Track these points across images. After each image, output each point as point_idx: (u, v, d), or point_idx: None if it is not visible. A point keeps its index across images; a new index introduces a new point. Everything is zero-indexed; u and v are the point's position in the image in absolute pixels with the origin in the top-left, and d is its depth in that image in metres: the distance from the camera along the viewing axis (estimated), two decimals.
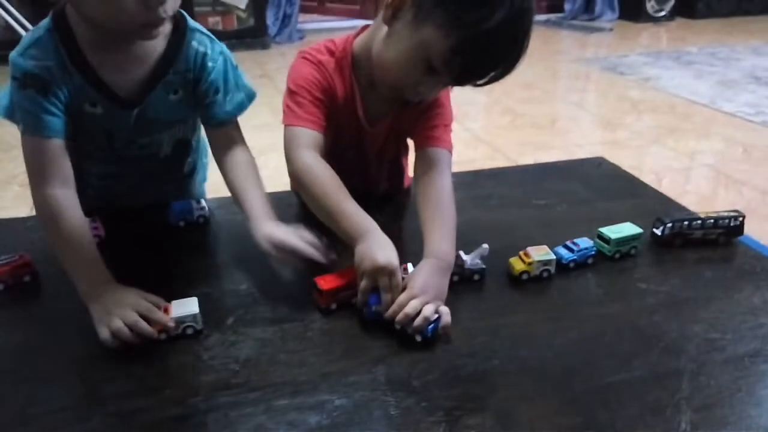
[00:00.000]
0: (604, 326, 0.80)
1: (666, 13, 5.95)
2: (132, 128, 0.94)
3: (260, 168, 0.97)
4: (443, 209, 0.91)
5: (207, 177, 1.22)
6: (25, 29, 3.63)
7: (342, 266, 0.84)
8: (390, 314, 0.77)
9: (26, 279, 0.88)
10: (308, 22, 5.59)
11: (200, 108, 0.96)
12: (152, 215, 1.04)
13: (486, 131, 3.20)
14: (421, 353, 0.75)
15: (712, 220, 0.98)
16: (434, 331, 0.76)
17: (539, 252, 0.89)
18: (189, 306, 0.78)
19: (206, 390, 0.69)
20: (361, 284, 0.80)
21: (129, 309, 0.75)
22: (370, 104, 1.00)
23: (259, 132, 1.41)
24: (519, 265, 0.89)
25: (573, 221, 1.06)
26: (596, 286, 0.89)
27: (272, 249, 0.83)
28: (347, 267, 0.83)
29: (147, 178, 1.07)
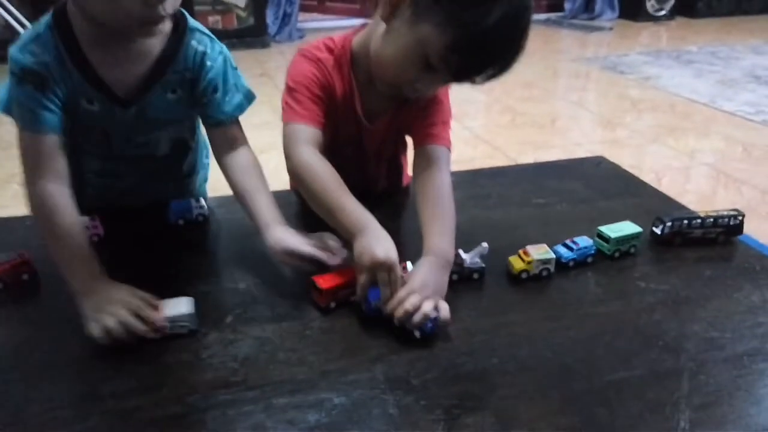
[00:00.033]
0: (604, 325, 0.80)
1: (666, 12, 5.95)
2: (129, 126, 0.94)
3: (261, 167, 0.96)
4: (442, 206, 0.91)
5: (208, 177, 1.22)
6: (25, 28, 3.63)
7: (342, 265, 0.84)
8: (389, 309, 0.77)
9: (25, 278, 0.88)
10: (308, 21, 5.59)
11: (199, 107, 0.96)
12: (151, 214, 1.04)
13: (486, 130, 3.20)
14: (421, 352, 0.75)
15: (712, 219, 0.98)
16: (433, 328, 0.76)
17: (539, 251, 0.89)
18: (184, 305, 0.77)
19: (205, 388, 0.69)
20: (360, 279, 0.80)
21: (120, 306, 0.75)
22: (369, 101, 1.00)
23: (259, 131, 1.41)
24: (518, 264, 0.89)
25: (572, 220, 1.06)
26: (596, 285, 0.89)
27: (284, 257, 0.84)
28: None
29: (146, 178, 1.06)
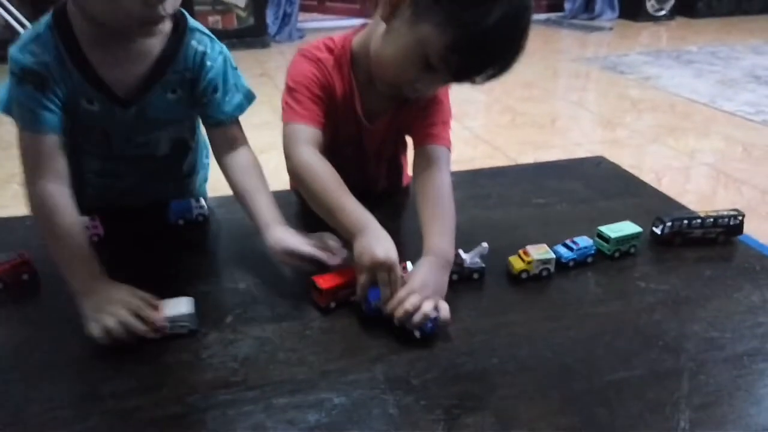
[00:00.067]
0: (604, 325, 0.80)
1: (666, 12, 5.95)
2: (129, 126, 0.94)
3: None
4: (442, 206, 0.91)
5: (208, 177, 1.22)
6: (25, 28, 3.63)
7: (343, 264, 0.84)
8: (389, 309, 0.77)
9: (25, 278, 0.88)
10: (308, 21, 5.59)
11: (199, 107, 0.96)
12: (151, 214, 1.04)
13: (486, 130, 3.20)
14: (421, 352, 0.75)
15: (712, 219, 0.98)
16: (433, 328, 0.76)
17: (539, 251, 0.89)
18: (184, 305, 0.77)
19: (205, 388, 0.69)
20: (360, 279, 0.80)
21: (120, 306, 0.75)
22: (369, 101, 1.00)
23: (259, 131, 1.41)
24: (518, 264, 0.89)
25: (572, 220, 1.06)
26: (596, 285, 0.89)
27: (284, 257, 0.84)
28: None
29: (146, 178, 1.06)
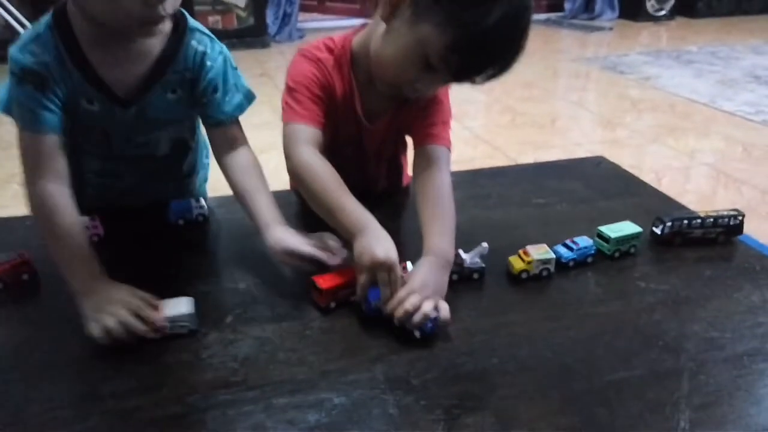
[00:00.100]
0: (604, 325, 0.80)
1: (666, 12, 5.95)
2: (129, 126, 0.94)
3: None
4: (442, 206, 0.91)
5: (208, 177, 1.22)
6: (25, 28, 3.63)
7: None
8: (389, 309, 0.77)
9: (25, 278, 0.88)
10: (308, 21, 5.59)
11: (199, 107, 0.96)
12: (151, 214, 1.04)
13: (486, 130, 3.20)
14: (421, 352, 0.75)
15: (712, 219, 0.98)
16: (433, 327, 0.76)
17: (539, 251, 0.89)
18: (184, 305, 0.77)
19: (205, 388, 0.69)
20: (360, 279, 0.80)
21: (120, 306, 0.75)
22: (369, 101, 1.00)
23: (259, 131, 1.41)
24: (518, 264, 0.89)
25: (572, 220, 1.06)
26: (596, 285, 0.89)
27: (284, 257, 0.84)
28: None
29: (146, 177, 1.06)
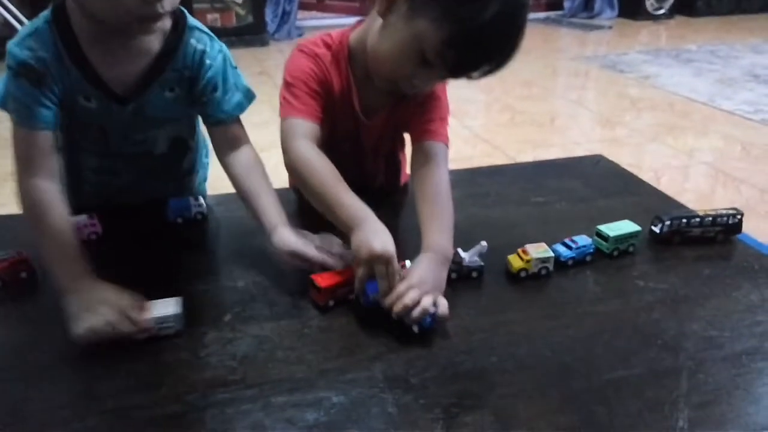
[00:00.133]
0: (603, 324, 0.80)
1: (665, 11, 5.95)
2: (126, 124, 0.94)
3: None
4: (440, 203, 0.91)
5: (208, 176, 1.22)
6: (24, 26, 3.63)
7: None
8: (388, 304, 0.77)
9: (23, 276, 0.88)
10: (307, 19, 5.59)
11: (198, 106, 0.96)
12: (150, 212, 1.04)
13: (485, 129, 3.20)
14: (419, 350, 0.75)
15: (711, 218, 0.98)
16: (432, 323, 0.76)
17: (537, 249, 0.89)
18: (171, 306, 0.77)
19: (203, 387, 0.69)
20: (358, 272, 0.80)
21: (107, 306, 0.74)
22: (367, 97, 1.00)
23: (259, 129, 1.40)
24: (517, 263, 0.89)
25: (571, 219, 1.06)
26: (594, 284, 0.89)
27: (288, 258, 0.84)
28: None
29: (144, 175, 1.06)
